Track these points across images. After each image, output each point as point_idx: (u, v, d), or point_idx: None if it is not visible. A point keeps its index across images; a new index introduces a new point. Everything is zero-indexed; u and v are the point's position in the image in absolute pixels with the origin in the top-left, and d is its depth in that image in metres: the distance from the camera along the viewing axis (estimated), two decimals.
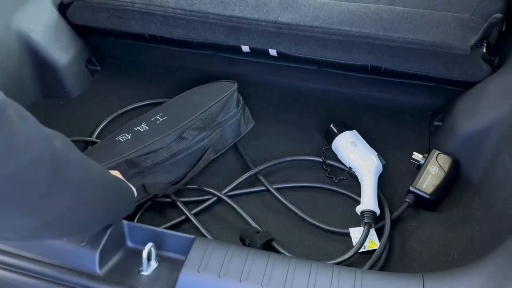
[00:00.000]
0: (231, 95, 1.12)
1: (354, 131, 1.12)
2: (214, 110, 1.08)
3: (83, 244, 0.73)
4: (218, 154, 1.11)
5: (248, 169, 1.08)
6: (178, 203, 1.00)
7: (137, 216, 0.98)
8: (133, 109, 1.23)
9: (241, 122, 1.14)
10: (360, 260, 0.91)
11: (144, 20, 1.21)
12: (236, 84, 1.14)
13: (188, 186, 1.04)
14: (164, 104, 1.17)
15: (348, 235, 0.96)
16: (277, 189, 1.04)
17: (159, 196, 1.02)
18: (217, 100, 1.09)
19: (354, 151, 1.07)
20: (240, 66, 1.29)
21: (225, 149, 1.12)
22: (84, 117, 1.21)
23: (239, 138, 1.15)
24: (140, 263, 0.74)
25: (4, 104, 0.48)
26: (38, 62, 1.20)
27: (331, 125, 1.13)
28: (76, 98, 1.27)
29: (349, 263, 0.90)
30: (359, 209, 0.98)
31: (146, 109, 1.23)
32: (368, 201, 0.98)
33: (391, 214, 0.97)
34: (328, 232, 0.97)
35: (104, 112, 1.21)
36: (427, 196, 0.98)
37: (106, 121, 1.19)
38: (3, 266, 0.74)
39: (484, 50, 1.08)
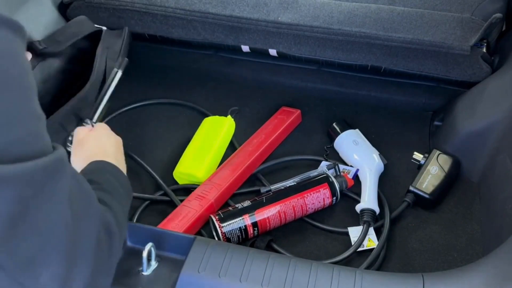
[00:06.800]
0: None
1: (357, 130, 1.12)
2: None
3: None
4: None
5: None
6: (176, 202, 1.00)
7: (136, 216, 0.98)
8: (132, 108, 1.23)
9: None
10: (359, 259, 0.91)
11: (144, 20, 1.21)
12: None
13: (187, 186, 1.04)
14: None
15: (347, 234, 0.96)
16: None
17: (157, 194, 1.02)
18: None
19: (356, 150, 1.08)
20: (240, 66, 1.29)
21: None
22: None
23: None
24: (140, 263, 0.74)
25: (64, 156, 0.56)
26: None
27: (334, 124, 1.13)
28: None
29: (347, 262, 0.91)
30: (358, 207, 0.98)
31: (145, 109, 1.23)
32: (368, 199, 0.98)
33: (390, 213, 0.97)
34: (328, 232, 0.98)
35: None
36: (427, 196, 0.98)
37: (104, 122, 1.19)
38: None
39: (484, 50, 1.08)
